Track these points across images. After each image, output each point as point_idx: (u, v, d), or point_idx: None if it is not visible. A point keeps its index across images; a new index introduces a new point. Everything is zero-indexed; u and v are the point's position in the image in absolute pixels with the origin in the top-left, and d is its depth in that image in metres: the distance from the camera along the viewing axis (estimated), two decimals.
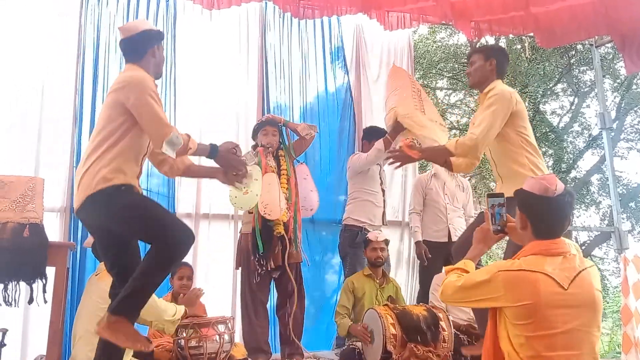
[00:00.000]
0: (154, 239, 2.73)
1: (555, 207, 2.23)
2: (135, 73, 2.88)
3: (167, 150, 2.79)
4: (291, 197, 4.34)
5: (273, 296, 4.62)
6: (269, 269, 4.15)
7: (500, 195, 2.47)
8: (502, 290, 2.12)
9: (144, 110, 2.78)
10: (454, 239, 4.87)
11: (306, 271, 4.66)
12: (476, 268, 2.46)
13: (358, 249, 4.74)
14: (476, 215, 5.03)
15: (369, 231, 4.70)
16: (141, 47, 2.99)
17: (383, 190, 5.03)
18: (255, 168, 4.11)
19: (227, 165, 3.13)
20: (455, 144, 3.33)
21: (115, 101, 2.83)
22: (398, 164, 3.63)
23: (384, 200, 5.03)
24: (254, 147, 4.50)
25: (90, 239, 3.70)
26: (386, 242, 4.64)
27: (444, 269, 2.52)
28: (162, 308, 3.56)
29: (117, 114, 2.82)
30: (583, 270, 2.14)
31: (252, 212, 4.21)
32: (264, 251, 4.12)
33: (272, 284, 4.44)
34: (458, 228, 4.99)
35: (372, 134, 5.02)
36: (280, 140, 4.49)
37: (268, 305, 4.43)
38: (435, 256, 4.90)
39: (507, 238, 2.65)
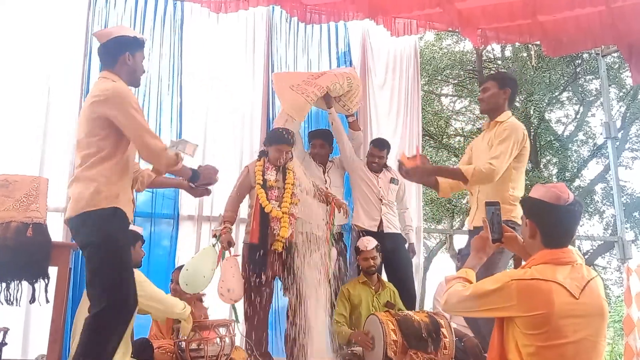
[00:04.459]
0: (96, 291, 2.73)
1: (566, 216, 2.22)
2: (114, 85, 2.88)
3: (171, 151, 2.85)
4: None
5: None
6: (262, 280, 4.13)
7: (497, 203, 2.45)
8: (515, 299, 2.10)
9: (132, 127, 2.81)
10: (387, 230, 4.91)
11: None
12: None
13: None
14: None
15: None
16: (113, 53, 2.99)
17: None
18: (212, 251, 4.10)
19: (207, 180, 3.20)
20: (473, 171, 3.32)
21: (95, 113, 2.82)
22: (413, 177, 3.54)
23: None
24: (261, 155, 4.46)
25: None
26: (377, 248, 4.61)
27: (444, 277, 2.50)
28: (171, 302, 3.55)
29: (99, 128, 2.82)
30: (591, 279, 2.14)
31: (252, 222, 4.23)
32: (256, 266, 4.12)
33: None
34: (390, 220, 4.98)
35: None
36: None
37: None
38: None
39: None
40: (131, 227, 3.31)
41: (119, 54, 2.97)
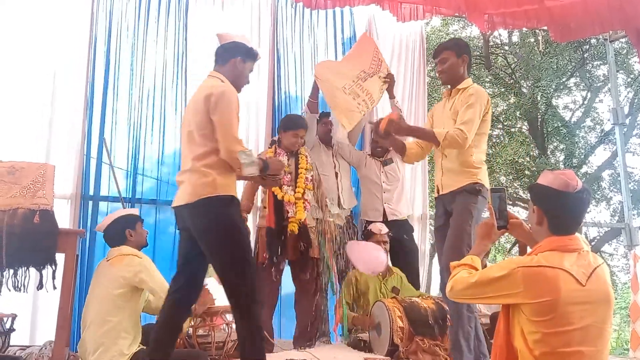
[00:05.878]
0: (229, 274, 2.89)
1: (574, 204, 2.20)
2: (224, 86, 3.04)
3: (243, 160, 2.93)
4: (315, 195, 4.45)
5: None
6: (277, 262, 4.23)
7: (502, 189, 2.44)
8: (521, 286, 2.08)
9: (224, 128, 2.94)
10: (390, 217, 4.93)
11: None
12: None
13: None
14: None
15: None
16: (228, 53, 3.19)
17: (336, 174, 4.95)
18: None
19: (275, 171, 3.22)
20: (446, 134, 3.36)
21: (204, 108, 2.97)
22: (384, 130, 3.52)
23: (338, 183, 4.93)
24: (272, 143, 4.55)
25: (102, 224, 3.72)
26: (388, 234, 4.62)
27: (450, 264, 2.49)
28: None
29: (206, 121, 2.97)
30: (597, 267, 2.13)
31: (266, 207, 4.28)
32: (275, 249, 4.21)
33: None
34: (393, 208, 5.00)
35: None
36: None
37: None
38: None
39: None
40: (127, 210, 3.31)
41: (233, 56, 3.19)
